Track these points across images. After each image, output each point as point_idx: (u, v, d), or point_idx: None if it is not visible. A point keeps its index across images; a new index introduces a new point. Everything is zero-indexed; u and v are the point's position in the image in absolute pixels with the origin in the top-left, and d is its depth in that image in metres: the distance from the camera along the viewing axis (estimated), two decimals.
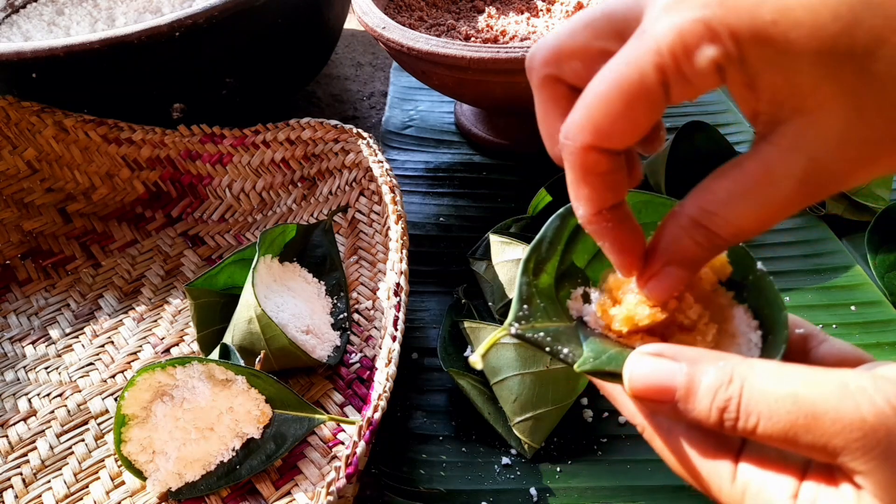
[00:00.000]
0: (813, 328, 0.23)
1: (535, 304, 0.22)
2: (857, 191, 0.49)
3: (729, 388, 0.18)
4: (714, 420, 0.18)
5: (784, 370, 0.18)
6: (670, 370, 0.19)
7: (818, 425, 0.17)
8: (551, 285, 0.23)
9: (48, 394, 0.42)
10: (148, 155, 0.52)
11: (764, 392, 0.18)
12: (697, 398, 0.19)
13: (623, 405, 0.22)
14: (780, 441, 0.18)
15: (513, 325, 0.21)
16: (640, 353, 0.20)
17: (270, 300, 0.40)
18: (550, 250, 0.23)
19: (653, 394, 0.19)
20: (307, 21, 0.57)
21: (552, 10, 0.55)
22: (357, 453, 0.31)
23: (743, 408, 0.18)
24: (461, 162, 0.58)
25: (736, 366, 0.19)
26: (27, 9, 0.68)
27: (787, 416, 0.17)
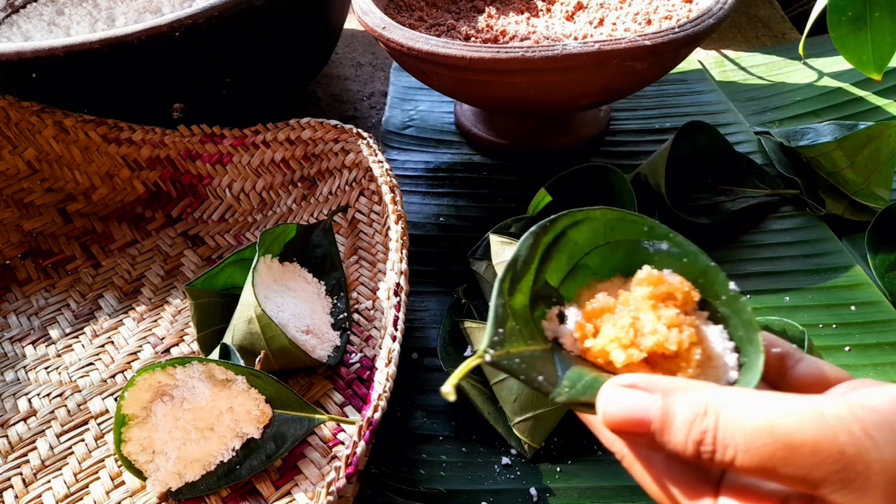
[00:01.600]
0: (789, 346, 0.22)
1: (509, 327, 0.21)
2: (857, 190, 0.49)
3: (704, 421, 0.18)
4: (691, 452, 0.18)
5: (759, 399, 0.18)
6: (644, 402, 0.19)
7: (796, 457, 0.17)
8: (526, 306, 0.23)
9: (48, 394, 0.42)
10: (148, 155, 0.52)
11: (740, 424, 0.18)
12: (673, 431, 0.19)
13: (601, 433, 0.22)
14: (758, 472, 0.17)
15: (487, 352, 0.21)
16: (614, 385, 0.20)
17: (270, 300, 0.40)
18: (525, 268, 0.23)
19: (628, 426, 0.19)
20: (307, 21, 0.57)
21: (552, 10, 0.55)
22: (357, 453, 0.31)
23: (720, 440, 0.18)
24: (461, 162, 0.58)
25: (710, 396, 0.18)
26: (27, 9, 0.68)
27: (765, 448, 0.17)
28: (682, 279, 0.22)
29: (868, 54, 0.46)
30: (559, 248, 0.24)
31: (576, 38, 0.50)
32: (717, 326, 0.22)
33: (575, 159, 0.56)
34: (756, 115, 0.61)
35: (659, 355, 0.21)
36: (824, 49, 0.68)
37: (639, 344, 0.21)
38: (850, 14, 0.46)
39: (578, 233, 0.24)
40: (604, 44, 0.41)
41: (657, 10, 0.52)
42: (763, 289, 0.45)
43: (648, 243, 0.24)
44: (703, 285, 0.23)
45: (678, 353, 0.21)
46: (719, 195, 0.51)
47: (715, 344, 0.22)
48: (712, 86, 0.65)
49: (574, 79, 0.44)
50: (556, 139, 0.57)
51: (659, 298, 0.22)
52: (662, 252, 0.23)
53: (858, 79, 0.63)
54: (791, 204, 0.51)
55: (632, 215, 0.24)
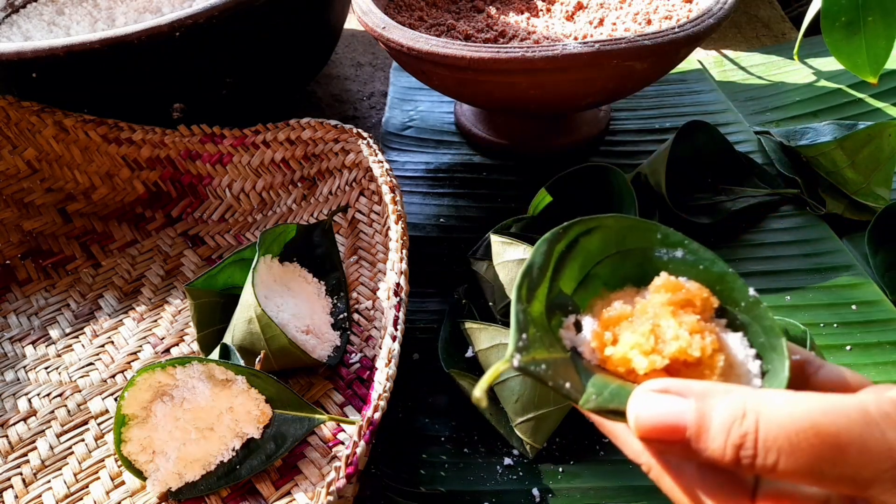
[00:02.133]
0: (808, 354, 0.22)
1: (531, 334, 0.21)
2: (858, 190, 0.49)
3: (744, 423, 0.17)
4: (730, 458, 0.17)
5: (799, 400, 0.17)
6: (679, 407, 0.18)
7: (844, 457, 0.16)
8: (543, 313, 0.22)
9: (48, 394, 0.42)
10: (148, 155, 0.52)
11: (782, 425, 0.17)
12: (710, 436, 0.18)
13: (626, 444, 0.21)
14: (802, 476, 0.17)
15: (515, 357, 0.20)
16: (646, 391, 0.19)
17: (270, 300, 0.40)
18: (540, 276, 0.22)
19: (662, 434, 0.18)
20: (307, 21, 0.57)
21: (552, 10, 0.55)
22: (357, 453, 0.31)
23: (761, 443, 0.17)
24: (461, 162, 0.58)
25: (748, 398, 0.18)
26: (27, 9, 0.68)
27: (811, 448, 0.16)
28: (699, 286, 0.22)
29: (863, 58, 0.46)
30: (572, 257, 0.23)
31: (576, 38, 0.50)
32: (737, 334, 0.22)
33: (575, 159, 0.56)
34: (756, 114, 0.61)
35: (681, 363, 0.21)
36: (824, 49, 0.68)
37: (661, 351, 0.20)
38: (844, 19, 0.46)
39: (591, 241, 0.23)
40: (604, 44, 0.41)
41: (657, 10, 0.52)
42: (764, 288, 0.45)
43: (662, 251, 0.23)
44: (720, 292, 0.22)
45: (701, 361, 0.20)
46: (719, 195, 0.51)
47: (736, 351, 0.21)
48: (712, 86, 0.65)
49: (574, 79, 0.44)
50: (556, 139, 0.57)
51: (677, 305, 0.21)
52: (677, 260, 0.23)
53: (858, 79, 0.63)
54: (791, 203, 0.51)
55: (645, 223, 0.23)
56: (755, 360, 0.21)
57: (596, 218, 0.23)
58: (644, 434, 0.19)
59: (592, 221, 0.23)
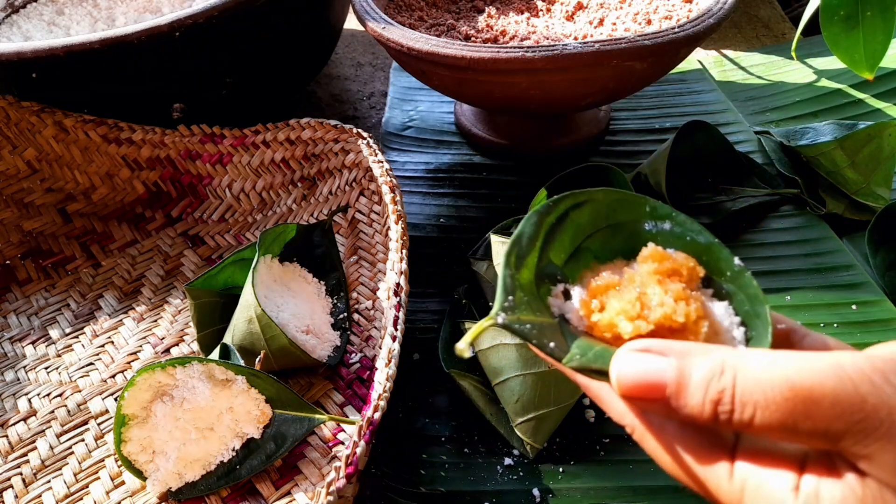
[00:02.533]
0: (793, 323, 0.22)
1: (518, 297, 0.21)
2: (858, 190, 0.49)
3: (721, 380, 0.18)
4: (708, 414, 0.18)
5: (776, 357, 0.18)
6: (659, 365, 0.19)
7: (817, 410, 0.17)
8: (532, 281, 0.22)
9: (48, 394, 0.42)
10: (148, 155, 0.52)
11: (758, 380, 0.17)
12: (689, 392, 0.18)
13: (611, 405, 0.22)
14: (778, 430, 0.17)
15: (499, 315, 0.20)
16: (628, 350, 0.19)
17: (270, 300, 0.40)
18: (529, 245, 0.23)
19: (643, 391, 0.19)
20: (307, 21, 0.57)
21: (552, 10, 0.55)
22: (357, 453, 0.31)
23: (738, 398, 0.17)
24: (461, 162, 0.58)
25: (727, 356, 0.18)
26: (27, 9, 0.68)
27: (785, 402, 0.17)
28: (686, 255, 0.22)
29: (860, 53, 0.46)
30: (562, 229, 0.23)
31: (576, 38, 0.50)
32: (723, 302, 0.22)
33: (575, 159, 0.56)
34: (756, 114, 0.61)
35: (666, 329, 0.21)
36: (824, 49, 0.68)
37: (646, 317, 0.21)
38: (843, 13, 0.46)
39: (580, 214, 0.24)
40: (604, 44, 0.41)
41: (657, 10, 0.52)
42: (764, 288, 0.44)
43: (651, 224, 0.24)
44: (707, 262, 0.23)
45: (685, 327, 0.21)
46: (719, 195, 0.51)
47: (721, 318, 0.21)
48: (712, 85, 0.65)
49: (574, 79, 0.44)
50: (556, 139, 0.57)
51: (664, 274, 0.22)
52: (665, 232, 0.23)
53: (858, 79, 0.63)
54: (791, 203, 0.51)
55: (634, 196, 0.24)
56: (740, 328, 0.21)
57: (586, 192, 0.24)
58: (626, 392, 0.19)
59: (582, 195, 0.24)
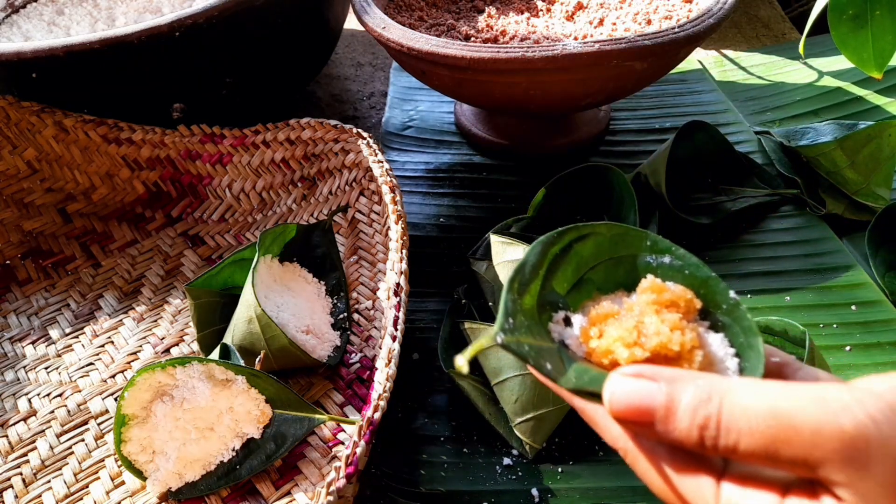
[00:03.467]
0: (788, 357, 0.23)
1: (519, 321, 0.22)
2: (858, 190, 0.49)
3: (708, 406, 0.18)
4: (695, 438, 0.18)
5: (762, 386, 0.18)
6: (650, 390, 0.19)
7: (798, 438, 0.17)
8: (534, 307, 0.23)
9: (48, 394, 0.42)
10: (148, 155, 0.52)
11: (743, 408, 0.18)
12: (678, 417, 0.19)
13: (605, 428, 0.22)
14: (761, 457, 0.18)
15: (499, 335, 0.21)
16: (621, 374, 0.20)
17: (270, 300, 0.40)
18: (533, 274, 0.23)
19: (633, 414, 0.19)
20: (307, 21, 0.57)
21: (552, 10, 0.55)
22: (357, 453, 0.31)
23: (723, 425, 0.18)
24: (461, 162, 0.58)
25: (715, 384, 0.19)
26: (27, 9, 0.68)
27: (768, 430, 0.17)
28: (683, 288, 0.23)
29: (868, 52, 0.46)
30: (566, 260, 0.24)
31: (576, 38, 0.50)
32: (719, 334, 0.23)
33: (575, 159, 0.56)
34: (756, 114, 0.61)
35: (661, 357, 0.22)
36: (824, 49, 0.68)
37: (643, 344, 0.21)
38: (851, 12, 0.46)
39: (584, 247, 0.25)
40: (604, 44, 0.41)
41: (657, 10, 0.52)
42: (764, 288, 0.45)
43: (652, 258, 0.24)
44: (704, 296, 0.23)
45: (680, 356, 0.21)
46: (719, 195, 0.51)
47: (716, 349, 0.22)
48: (712, 86, 0.65)
49: (574, 79, 0.44)
50: (556, 139, 0.57)
51: (662, 305, 0.22)
52: (665, 266, 0.24)
53: (858, 78, 0.63)
54: (791, 204, 0.51)
55: (635, 231, 0.25)
56: (734, 358, 0.22)
57: (589, 225, 0.25)
58: (617, 414, 0.20)
59: (586, 228, 0.25)
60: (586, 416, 0.23)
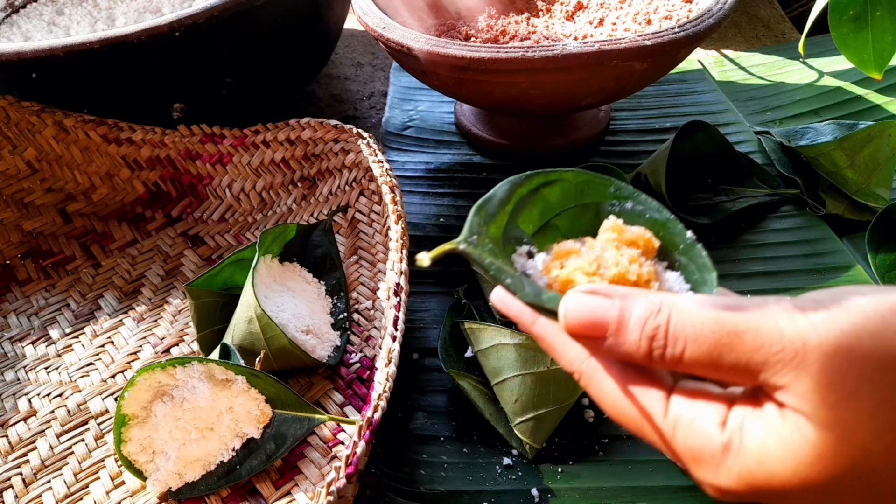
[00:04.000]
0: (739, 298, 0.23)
1: (482, 241, 0.23)
2: (858, 190, 0.49)
3: (658, 317, 0.19)
4: (644, 350, 0.19)
5: (710, 299, 0.19)
6: (603, 305, 0.20)
7: (740, 342, 0.18)
8: (499, 238, 0.24)
9: (48, 394, 0.42)
10: (148, 155, 0.52)
11: (690, 317, 0.19)
12: (629, 329, 0.19)
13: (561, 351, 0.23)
14: (705, 364, 0.18)
15: (462, 243, 0.22)
16: (576, 292, 0.21)
17: (270, 300, 0.40)
18: (500, 207, 0.24)
19: (587, 329, 0.20)
20: (307, 21, 0.57)
21: (552, 10, 0.55)
22: (357, 453, 0.31)
23: (671, 333, 0.19)
24: (461, 162, 0.58)
25: (665, 297, 0.20)
26: (27, 9, 0.68)
27: (711, 335, 0.18)
28: (643, 229, 0.24)
29: (869, 53, 0.46)
30: (532, 202, 0.25)
31: (576, 38, 0.50)
32: (675, 272, 0.23)
33: (575, 159, 0.56)
34: (756, 114, 0.61)
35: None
36: (824, 49, 0.68)
37: (602, 275, 0.22)
38: (852, 13, 0.46)
39: (551, 192, 0.25)
40: (604, 44, 0.41)
41: (657, 10, 0.52)
42: (763, 288, 0.45)
43: (615, 204, 0.25)
44: (663, 237, 0.24)
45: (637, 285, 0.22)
46: (719, 195, 0.51)
47: (672, 285, 0.23)
48: (712, 86, 0.65)
49: (574, 79, 0.44)
50: (556, 139, 0.57)
51: (622, 244, 0.23)
52: (627, 211, 0.25)
53: (858, 78, 0.63)
54: (791, 204, 0.51)
55: (600, 178, 0.25)
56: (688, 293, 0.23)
57: (556, 171, 0.25)
58: (571, 328, 0.20)
59: (553, 174, 0.25)
60: (544, 344, 0.24)
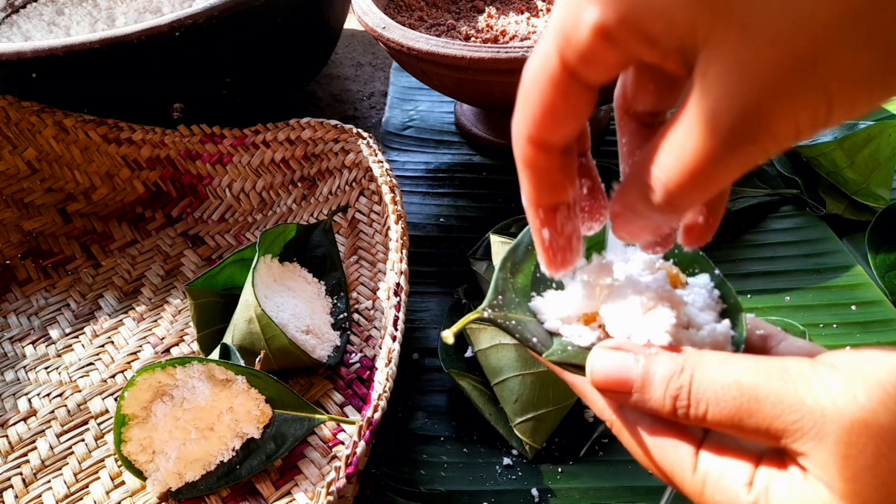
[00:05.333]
0: (773, 329, 0.23)
1: (508, 297, 0.23)
2: (858, 190, 0.49)
3: (680, 378, 0.19)
4: (668, 409, 0.19)
5: (731, 359, 0.19)
6: (628, 362, 0.20)
7: (760, 409, 0.18)
8: (527, 286, 0.24)
9: (48, 394, 0.42)
10: (148, 155, 0.52)
11: (712, 380, 0.19)
12: (653, 388, 0.20)
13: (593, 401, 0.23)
14: (728, 426, 0.19)
15: (486, 310, 0.22)
16: (602, 347, 0.21)
17: (270, 300, 0.40)
18: (526, 255, 0.24)
19: (613, 384, 0.20)
20: (307, 21, 0.57)
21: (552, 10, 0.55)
22: (357, 453, 0.31)
23: (693, 395, 0.19)
24: (461, 162, 0.58)
25: (687, 357, 0.20)
26: (27, 9, 0.68)
27: (733, 401, 0.18)
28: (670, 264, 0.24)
29: None
30: None
31: None
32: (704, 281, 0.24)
33: None
34: None
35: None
36: None
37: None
38: None
39: None
40: None
41: None
42: (763, 288, 0.45)
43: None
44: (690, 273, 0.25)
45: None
46: None
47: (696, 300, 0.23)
48: None
49: None
50: None
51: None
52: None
53: None
54: (791, 203, 0.51)
55: None
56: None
57: None
58: (598, 384, 0.21)
59: None
60: (575, 389, 0.24)
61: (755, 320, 0.23)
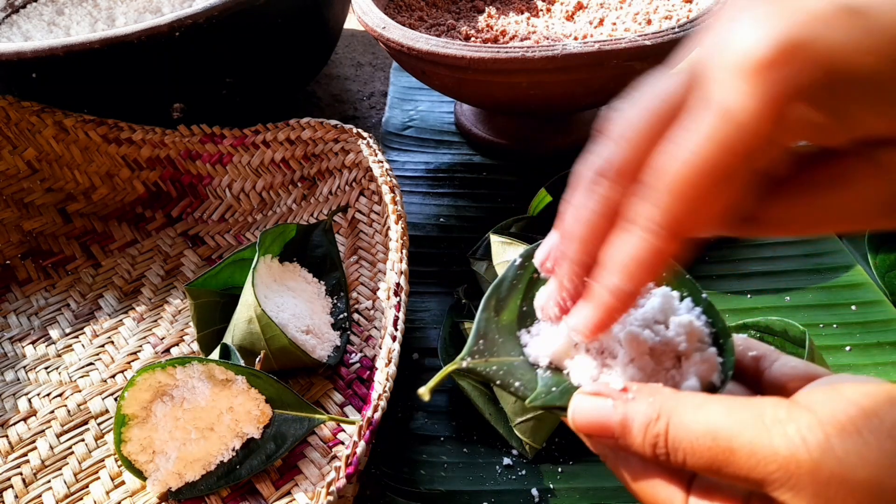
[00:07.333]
0: (766, 349, 0.23)
1: (491, 339, 0.23)
2: None
3: (657, 426, 0.19)
4: (650, 454, 0.20)
5: (706, 403, 0.19)
6: (607, 409, 0.20)
7: (735, 460, 0.18)
8: (513, 322, 0.24)
9: (48, 394, 0.42)
10: (148, 155, 0.52)
11: (687, 429, 0.19)
12: (632, 435, 0.20)
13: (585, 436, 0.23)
14: (708, 472, 0.19)
15: (465, 360, 0.22)
16: (582, 393, 0.21)
17: (270, 300, 0.40)
18: (512, 290, 0.24)
19: (594, 430, 0.21)
20: (307, 21, 0.57)
21: (552, 10, 0.55)
22: (357, 453, 0.31)
23: (670, 444, 0.19)
24: (461, 162, 0.58)
25: (664, 402, 0.20)
26: (27, 9, 0.68)
27: (708, 451, 0.18)
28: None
29: None
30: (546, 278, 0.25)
31: (576, 38, 0.50)
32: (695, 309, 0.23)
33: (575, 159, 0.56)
34: None
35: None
36: None
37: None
38: None
39: None
40: (604, 44, 0.41)
41: (657, 10, 0.52)
42: (763, 288, 0.45)
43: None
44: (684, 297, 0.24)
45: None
46: None
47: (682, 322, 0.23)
48: None
49: (574, 79, 0.44)
50: (556, 139, 0.57)
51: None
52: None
53: None
54: None
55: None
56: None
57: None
58: (580, 430, 0.21)
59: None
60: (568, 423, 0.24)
61: (748, 341, 0.23)
